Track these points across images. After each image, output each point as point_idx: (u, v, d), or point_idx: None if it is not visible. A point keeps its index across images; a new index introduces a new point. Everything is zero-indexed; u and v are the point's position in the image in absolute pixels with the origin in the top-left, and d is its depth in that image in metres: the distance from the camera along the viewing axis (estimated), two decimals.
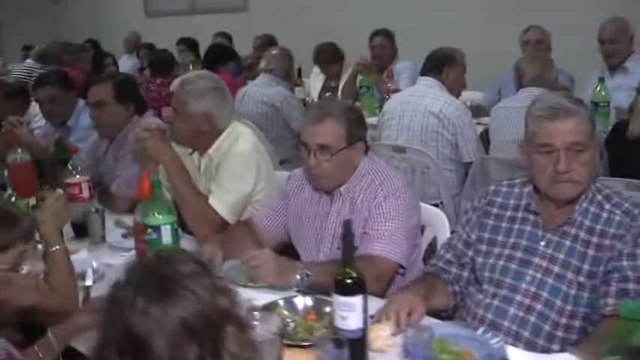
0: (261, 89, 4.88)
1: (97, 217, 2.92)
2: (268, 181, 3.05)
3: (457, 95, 4.29)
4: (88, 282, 2.37)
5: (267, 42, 6.63)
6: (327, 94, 5.77)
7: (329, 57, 5.97)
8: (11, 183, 3.60)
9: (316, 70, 6.23)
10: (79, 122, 4.03)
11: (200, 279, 1.24)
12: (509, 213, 2.29)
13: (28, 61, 7.48)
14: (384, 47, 5.80)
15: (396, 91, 5.37)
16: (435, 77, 4.20)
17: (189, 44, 7.51)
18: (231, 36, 7.52)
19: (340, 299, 1.84)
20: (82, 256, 2.69)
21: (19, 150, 3.59)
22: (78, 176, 2.99)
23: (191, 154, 3.13)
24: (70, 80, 4.16)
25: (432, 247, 2.85)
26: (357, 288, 1.84)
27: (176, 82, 3.05)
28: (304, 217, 2.73)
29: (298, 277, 2.28)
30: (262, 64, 4.99)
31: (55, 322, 2.01)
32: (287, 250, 2.76)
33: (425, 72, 4.29)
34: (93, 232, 2.92)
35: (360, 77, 5.50)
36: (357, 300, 1.84)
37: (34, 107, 4.64)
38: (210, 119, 2.98)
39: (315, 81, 6.18)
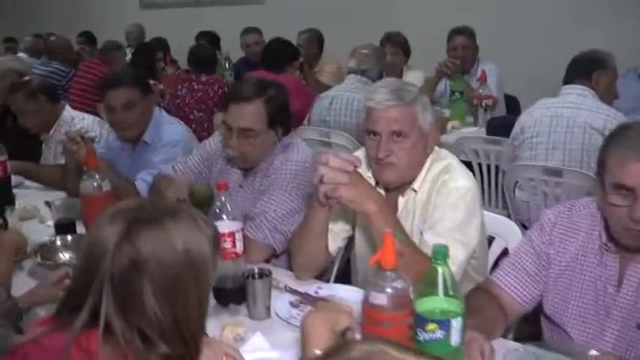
0: (354, 94, 4.02)
1: (264, 284, 2.02)
2: (482, 228, 2.24)
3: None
4: None
5: (315, 37, 5.77)
6: None
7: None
8: (87, 220, 2.69)
9: (414, 74, 5.34)
10: (160, 137, 3.08)
11: None
12: None
13: (21, 55, 6.44)
14: (467, 48, 4.98)
15: (488, 97, 4.61)
16: (585, 85, 3.46)
17: (210, 39, 6.55)
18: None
19: None
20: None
21: (97, 175, 2.66)
22: (227, 220, 2.09)
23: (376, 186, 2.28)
24: (147, 81, 3.21)
25: None
26: None
27: None
28: (576, 282, 1.92)
29: None
30: (352, 63, 4.14)
31: None
32: None
33: (571, 79, 3.53)
34: (254, 302, 2.02)
35: (450, 82, 4.70)
36: None
37: (68, 112, 3.69)
38: (425, 140, 2.15)
39: None
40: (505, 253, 2.45)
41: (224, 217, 2.07)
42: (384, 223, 1.98)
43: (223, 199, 2.08)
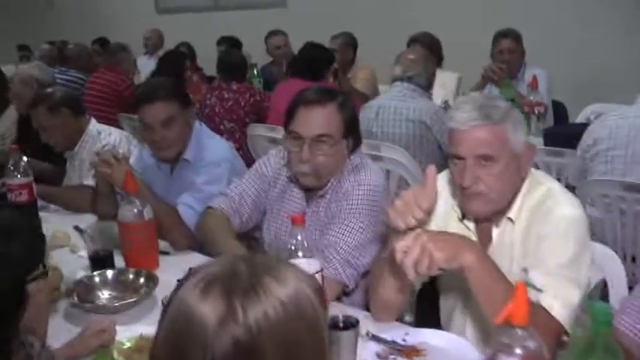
0: (402, 102, 3.71)
1: (350, 336, 1.71)
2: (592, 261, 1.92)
3: None
4: None
5: (349, 42, 5.46)
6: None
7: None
8: (127, 252, 2.39)
9: (448, 75, 5.06)
10: (203, 156, 2.75)
11: None
12: None
13: (37, 63, 6.16)
14: (514, 52, 4.65)
15: (539, 104, 4.30)
16: None
17: (232, 44, 6.26)
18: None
19: None
20: None
21: (137, 201, 2.37)
22: (304, 259, 1.78)
23: (462, 219, 1.97)
24: (186, 92, 2.89)
25: None
26: None
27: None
28: None
29: None
30: (397, 70, 3.81)
31: None
32: None
33: None
34: (338, 356, 1.70)
35: (498, 89, 4.41)
36: None
37: (94, 126, 3.36)
38: (518, 162, 1.84)
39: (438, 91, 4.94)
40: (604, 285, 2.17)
41: (300, 255, 1.77)
42: (487, 273, 1.67)
43: (299, 236, 1.77)
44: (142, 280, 2.23)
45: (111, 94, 5.31)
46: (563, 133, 3.82)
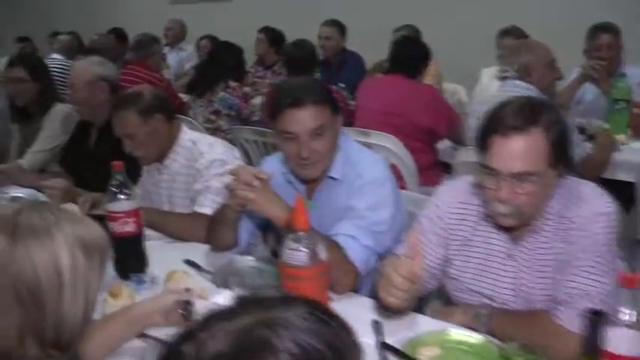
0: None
1: None
2: None
3: None
4: None
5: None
6: None
7: None
8: None
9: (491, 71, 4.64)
10: (360, 173, 2.18)
11: None
12: None
13: (55, 56, 5.53)
14: (613, 48, 4.18)
15: None
16: None
17: (273, 36, 5.74)
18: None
19: None
20: None
21: (306, 239, 1.81)
22: None
23: None
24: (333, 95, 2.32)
25: None
26: None
27: None
28: None
29: None
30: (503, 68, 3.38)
31: None
32: None
33: None
34: None
35: (602, 88, 4.01)
36: None
37: (186, 133, 2.72)
38: None
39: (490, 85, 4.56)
40: None
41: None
42: None
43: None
44: None
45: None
46: None
